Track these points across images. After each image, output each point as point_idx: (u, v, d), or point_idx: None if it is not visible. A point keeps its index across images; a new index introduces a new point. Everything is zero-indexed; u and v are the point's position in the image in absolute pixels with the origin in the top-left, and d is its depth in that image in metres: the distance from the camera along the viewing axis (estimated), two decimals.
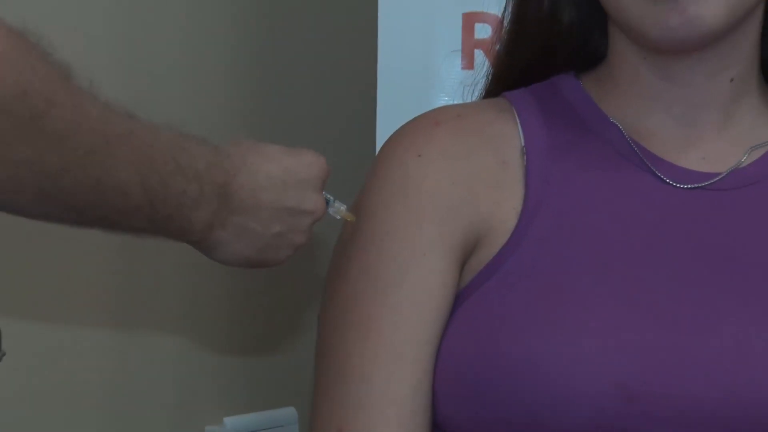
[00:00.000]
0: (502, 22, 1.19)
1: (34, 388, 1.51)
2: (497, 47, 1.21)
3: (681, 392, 1.00)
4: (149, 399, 1.64)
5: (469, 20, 1.53)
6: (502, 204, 1.07)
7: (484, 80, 1.20)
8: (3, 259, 1.46)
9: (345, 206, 1.09)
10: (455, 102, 1.40)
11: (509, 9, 1.17)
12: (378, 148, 1.21)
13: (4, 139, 0.78)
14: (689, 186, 1.07)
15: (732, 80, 1.10)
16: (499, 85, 1.17)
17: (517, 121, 1.11)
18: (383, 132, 1.44)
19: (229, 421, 1.67)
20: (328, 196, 1.07)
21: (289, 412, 1.74)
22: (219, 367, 1.75)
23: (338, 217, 1.09)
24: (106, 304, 1.54)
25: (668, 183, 1.08)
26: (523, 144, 1.10)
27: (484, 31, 1.51)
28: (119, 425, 1.60)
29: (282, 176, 1.02)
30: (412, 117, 1.15)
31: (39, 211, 0.87)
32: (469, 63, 1.53)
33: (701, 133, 1.10)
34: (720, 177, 1.08)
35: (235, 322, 1.73)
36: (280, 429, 1.75)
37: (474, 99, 1.22)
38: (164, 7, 1.65)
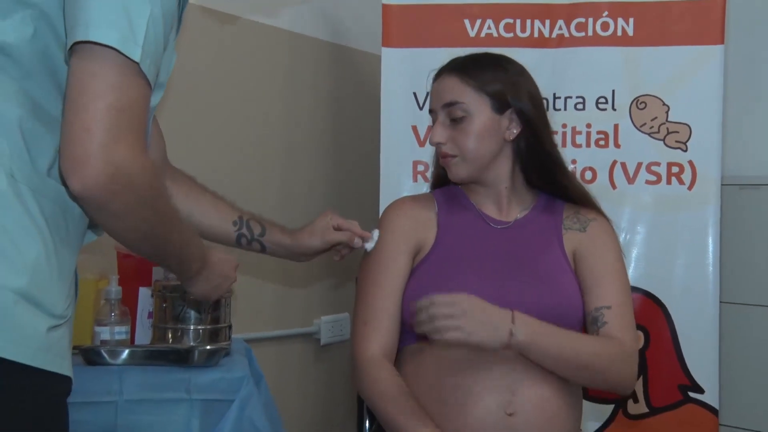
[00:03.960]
0: (432, 165, 1.80)
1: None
2: (430, 176, 1.82)
3: None
4: (289, 306, 2.32)
5: (415, 165, 2.22)
6: (428, 234, 1.66)
7: (426, 188, 1.80)
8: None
9: (375, 231, 1.62)
10: (413, 193, 1.99)
11: (432, 166, 1.78)
12: (381, 211, 1.89)
13: (134, 217, 1.08)
14: (500, 227, 1.67)
15: (506, 187, 1.67)
16: (431, 189, 1.77)
17: (435, 202, 1.71)
18: (383, 203, 2.16)
19: (323, 317, 2.45)
20: (375, 230, 1.59)
21: (346, 316, 2.50)
22: (320, 295, 2.42)
23: (376, 236, 1.61)
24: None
25: (492, 226, 1.67)
26: (437, 211, 1.69)
27: (423, 168, 2.21)
28: (274, 318, 2.30)
29: (220, 262, 1.46)
30: (394, 199, 1.74)
31: (150, 255, 1.21)
32: (416, 181, 2.21)
33: (502, 206, 1.69)
34: (511, 223, 1.68)
35: (328, 277, 2.23)
36: (342, 321, 2.48)
37: (422, 192, 1.79)
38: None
